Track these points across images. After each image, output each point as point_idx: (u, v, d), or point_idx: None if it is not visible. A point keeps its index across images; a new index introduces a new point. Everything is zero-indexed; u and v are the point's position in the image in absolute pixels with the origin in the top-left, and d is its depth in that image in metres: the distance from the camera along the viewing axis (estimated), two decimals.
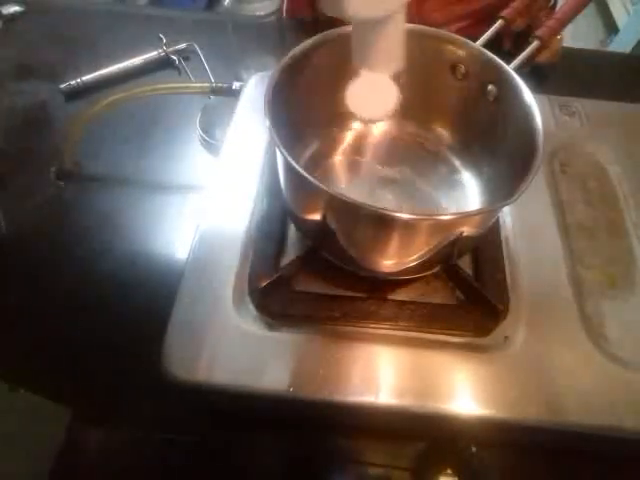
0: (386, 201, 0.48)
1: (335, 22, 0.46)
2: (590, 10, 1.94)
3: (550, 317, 0.44)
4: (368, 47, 0.36)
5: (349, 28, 0.46)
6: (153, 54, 0.69)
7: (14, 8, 0.75)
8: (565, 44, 0.67)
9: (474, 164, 0.51)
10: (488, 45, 0.47)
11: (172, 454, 0.42)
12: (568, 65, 0.71)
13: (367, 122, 0.36)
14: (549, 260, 0.47)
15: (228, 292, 0.44)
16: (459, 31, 0.44)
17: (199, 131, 0.61)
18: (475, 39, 0.47)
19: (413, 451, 0.44)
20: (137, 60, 0.68)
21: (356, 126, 0.54)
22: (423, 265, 0.42)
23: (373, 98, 0.36)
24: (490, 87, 0.45)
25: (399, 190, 0.49)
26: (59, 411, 0.44)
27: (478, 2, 0.75)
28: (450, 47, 0.47)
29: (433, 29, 0.47)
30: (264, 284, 0.42)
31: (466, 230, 0.38)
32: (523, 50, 0.47)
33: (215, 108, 0.63)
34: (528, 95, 0.41)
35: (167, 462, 0.43)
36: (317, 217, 0.39)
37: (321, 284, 0.45)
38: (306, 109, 0.48)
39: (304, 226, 0.46)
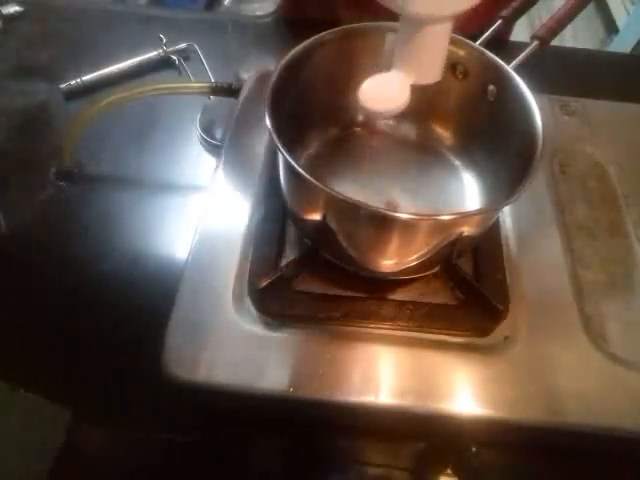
0: (386, 201, 0.48)
1: (335, 22, 0.47)
2: (590, 10, 1.94)
3: (550, 317, 0.44)
4: (412, 53, 0.36)
5: (349, 28, 0.46)
6: (153, 54, 0.69)
7: (14, 8, 0.74)
8: (565, 44, 0.67)
9: (474, 164, 0.51)
10: (488, 45, 0.47)
11: (172, 454, 0.42)
12: (568, 65, 0.71)
13: (373, 115, 0.36)
14: (549, 260, 0.47)
15: (228, 292, 0.44)
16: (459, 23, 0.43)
17: (199, 131, 0.61)
18: (475, 39, 0.47)
19: (413, 451, 0.44)
20: (137, 60, 0.68)
21: (356, 126, 0.54)
22: (423, 265, 0.42)
23: (383, 94, 0.37)
24: (490, 87, 0.45)
25: (399, 190, 0.49)
26: (59, 411, 0.44)
27: None
28: (450, 47, 0.46)
29: None
30: (264, 284, 0.42)
31: (466, 230, 0.38)
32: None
33: (215, 108, 0.63)
34: (528, 95, 0.41)
35: (167, 462, 0.42)
36: (317, 217, 0.39)
37: (321, 284, 0.45)
38: (306, 109, 0.48)
39: (304, 226, 0.45)
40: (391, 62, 0.37)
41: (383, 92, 0.37)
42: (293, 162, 0.36)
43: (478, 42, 0.47)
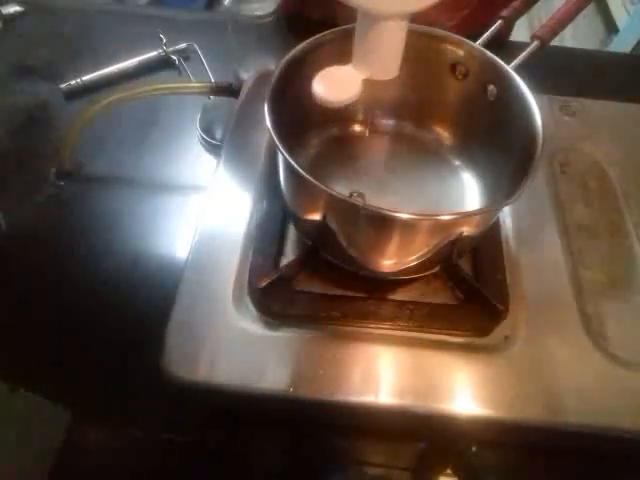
0: (386, 201, 0.48)
1: (335, 22, 0.47)
2: (590, 10, 1.94)
3: (550, 317, 0.44)
4: (368, 49, 0.37)
5: (349, 27, 0.46)
6: (153, 54, 0.69)
7: (14, 8, 0.75)
8: (565, 44, 0.67)
9: (474, 164, 0.51)
10: (488, 45, 0.47)
11: (172, 454, 0.42)
12: (568, 65, 0.71)
13: (323, 103, 0.38)
14: (549, 260, 0.47)
15: (228, 292, 0.44)
16: (458, 25, 0.44)
17: (199, 131, 0.61)
18: (475, 39, 0.47)
19: (413, 451, 0.44)
20: (137, 60, 0.68)
21: (356, 126, 0.54)
22: (423, 265, 0.42)
23: (335, 85, 0.38)
24: (490, 87, 0.45)
25: (399, 190, 0.49)
26: (59, 411, 0.44)
27: None
28: (450, 47, 0.47)
29: (433, 29, 0.47)
30: (264, 284, 0.42)
31: (466, 230, 0.38)
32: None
33: (215, 108, 0.63)
34: (528, 95, 0.41)
35: (167, 462, 0.43)
36: (317, 217, 0.39)
37: (321, 284, 0.45)
38: (306, 109, 0.48)
39: (304, 226, 0.46)
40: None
41: (335, 83, 0.38)
42: (293, 162, 0.36)
43: (478, 42, 0.47)
